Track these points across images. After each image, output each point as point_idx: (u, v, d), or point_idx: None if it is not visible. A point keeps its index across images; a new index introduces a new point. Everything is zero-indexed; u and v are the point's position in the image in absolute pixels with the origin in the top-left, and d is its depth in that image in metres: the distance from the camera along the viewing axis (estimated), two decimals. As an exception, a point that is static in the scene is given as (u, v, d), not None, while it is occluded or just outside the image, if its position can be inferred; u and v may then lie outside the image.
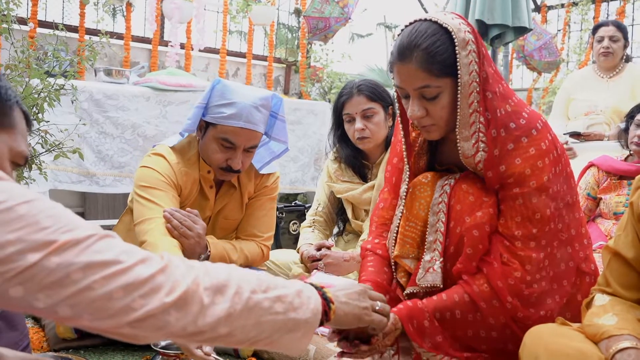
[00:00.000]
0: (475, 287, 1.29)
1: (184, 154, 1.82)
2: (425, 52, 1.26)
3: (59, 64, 2.36)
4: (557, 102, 3.64)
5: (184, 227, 1.64)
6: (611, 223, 2.43)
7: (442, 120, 1.33)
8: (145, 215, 1.65)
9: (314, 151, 4.25)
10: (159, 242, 1.58)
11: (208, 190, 1.84)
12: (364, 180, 2.24)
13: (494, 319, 1.29)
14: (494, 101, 1.30)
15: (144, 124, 3.45)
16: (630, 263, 1.12)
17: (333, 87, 5.04)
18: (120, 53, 4.14)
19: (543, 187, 1.29)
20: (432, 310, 1.31)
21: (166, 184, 1.72)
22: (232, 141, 1.72)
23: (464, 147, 1.31)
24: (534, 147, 1.29)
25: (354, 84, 2.18)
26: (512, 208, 1.30)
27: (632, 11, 5.33)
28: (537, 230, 1.29)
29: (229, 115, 1.69)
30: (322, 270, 2.00)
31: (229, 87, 1.73)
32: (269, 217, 1.96)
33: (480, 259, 1.31)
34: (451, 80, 1.29)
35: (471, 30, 1.30)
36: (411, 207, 1.41)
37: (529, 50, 5.40)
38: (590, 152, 2.87)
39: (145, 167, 1.75)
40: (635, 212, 1.11)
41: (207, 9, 4.60)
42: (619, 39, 3.29)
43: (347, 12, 4.60)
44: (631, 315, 1.06)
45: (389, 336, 1.29)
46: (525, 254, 1.28)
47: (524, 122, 1.32)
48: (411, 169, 1.46)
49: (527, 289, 1.29)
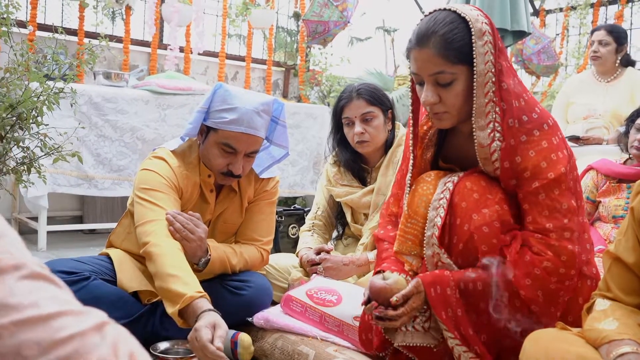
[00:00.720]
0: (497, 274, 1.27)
1: (185, 158, 1.82)
2: (442, 39, 1.29)
3: (59, 67, 2.36)
4: (556, 106, 3.65)
5: (186, 230, 1.63)
6: (610, 227, 2.43)
7: (454, 108, 1.34)
8: (147, 217, 1.64)
9: (313, 155, 4.26)
10: (162, 243, 1.57)
11: (208, 194, 1.83)
12: (363, 184, 2.24)
13: (508, 299, 1.26)
14: (509, 92, 1.32)
15: (143, 127, 3.46)
16: (631, 268, 1.12)
17: (332, 91, 5.04)
18: (120, 56, 4.15)
19: (561, 179, 1.29)
20: (457, 279, 1.31)
21: (167, 187, 1.72)
22: (234, 146, 1.72)
23: (479, 136, 1.32)
24: (546, 141, 1.31)
25: (354, 87, 2.18)
26: (537, 204, 1.30)
27: (631, 15, 5.34)
28: (568, 220, 1.28)
29: (230, 120, 1.69)
30: (322, 274, 2.00)
31: (231, 92, 1.73)
32: (268, 221, 1.95)
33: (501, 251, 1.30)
34: (466, 69, 1.31)
35: (489, 23, 1.32)
36: (412, 203, 1.42)
37: (527, 54, 5.41)
38: (589, 156, 2.87)
39: (147, 169, 1.74)
40: (636, 217, 1.11)
41: (206, 12, 4.60)
42: (608, 42, 3.30)
43: (346, 16, 4.61)
44: (632, 320, 1.06)
45: (413, 299, 1.30)
46: (560, 245, 1.27)
47: (536, 116, 1.34)
48: (417, 161, 1.48)
49: (556, 283, 1.26)
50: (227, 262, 1.78)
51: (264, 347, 1.70)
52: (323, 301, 1.74)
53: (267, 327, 1.75)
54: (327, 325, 1.69)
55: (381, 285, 1.32)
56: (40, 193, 3.06)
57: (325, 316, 1.70)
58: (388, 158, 2.17)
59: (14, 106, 2.11)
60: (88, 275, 1.70)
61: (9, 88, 2.17)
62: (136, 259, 1.84)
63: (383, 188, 2.15)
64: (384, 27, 7.49)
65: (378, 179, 2.17)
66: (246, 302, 1.78)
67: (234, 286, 1.79)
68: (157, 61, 4.36)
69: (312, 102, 5.01)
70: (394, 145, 2.18)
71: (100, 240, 3.70)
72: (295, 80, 5.22)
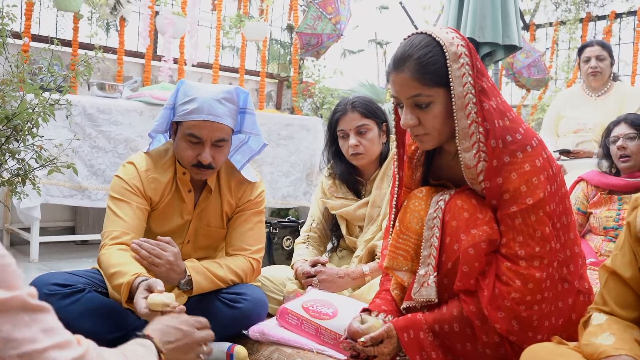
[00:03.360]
0: (472, 307, 1.30)
1: (160, 159, 1.86)
2: (417, 62, 1.31)
3: (54, 79, 2.36)
4: (546, 120, 3.69)
5: (152, 255, 1.63)
6: (601, 239, 2.45)
7: (434, 130, 1.36)
8: (107, 228, 1.75)
9: (306, 166, 4.26)
10: (108, 250, 1.67)
11: (185, 194, 1.85)
12: (358, 196, 2.25)
13: (487, 337, 1.30)
14: (492, 112, 1.32)
15: (136, 138, 3.45)
16: (628, 282, 1.13)
17: (325, 103, 5.07)
18: (114, 67, 4.15)
19: (540, 204, 1.30)
20: (430, 322, 1.33)
21: (131, 194, 1.78)
22: (197, 135, 1.74)
23: (465, 157, 1.33)
24: (529, 164, 1.31)
25: (348, 100, 2.20)
26: (512, 228, 1.31)
27: (619, 30, 5.43)
28: (540, 248, 1.29)
29: (191, 110, 1.73)
30: (317, 286, 2.00)
31: (192, 85, 1.79)
32: (256, 230, 1.94)
33: (477, 279, 1.32)
34: (444, 91, 1.32)
35: (465, 45, 1.34)
36: (403, 219, 1.43)
37: (518, 68, 5.48)
38: (579, 169, 2.91)
39: (116, 176, 1.82)
40: (633, 232, 1.12)
41: (200, 24, 4.62)
42: (605, 57, 3.36)
43: (339, 29, 4.65)
44: (628, 335, 1.07)
45: (385, 343, 1.33)
46: (528, 273, 1.28)
47: (520, 137, 1.34)
48: (407, 181, 1.49)
49: (526, 310, 1.28)
50: (213, 275, 1.76)
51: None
52: (319, 314, 1.74)
53: (262, 339, 1.75)
54: (323, 339, 1.69)
55: (354, 329, 1.40)
56: (33, 204, 3.04)
57: (321, 329, 1.70)
58: (383, 171, 2.19)
59: (10, 118, 2.10)
60: (82, 288, 1.70)
61: (5, 100, 2.16)
62: None
63: (378, 200, 2.16)
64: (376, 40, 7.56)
65: (373, 191, 2.18)
66: (242, 315, 1.78)
67: (229, 299, 1.79)
68: (151, 72, 4.36)
69: (305, 114, 5.03)
70: (389, 158, 2.20)
71: (92, 252, 3.68)
72: (288, 92, 5.24)
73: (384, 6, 8.88)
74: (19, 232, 3.53)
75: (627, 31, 5.39)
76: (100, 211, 4.03)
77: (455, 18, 3.68)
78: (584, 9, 5.51)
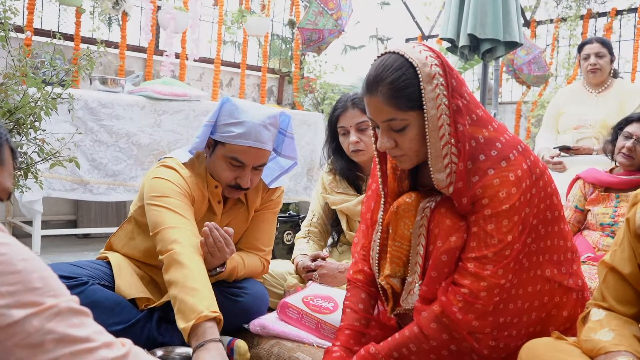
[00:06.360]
0: (424, 313, 1.29)
1: (194, 169, 1.82)
2: (390, 87, 1.27)
3: (57, 73, 2.37)
4: (547, 116, 3.70)
5: (216, 247, 1.62)
6: (598, 235, 2.47)
7: (411, 151, 1.33)
8: (167, 224, 1.62)
9: (306, 161, 4.28)
10: (188, 253, 1.55)
11: (216, 206, 1.84)
12: (359, 192, 2.26)
13: (446, 350, 1.28)
14: (464, 134, 1.29)
15: (138, 132, 3.47)
16: (626, 278, 1.13)
17: (326, 98, 5.08)
18: (116, 62, 4.16)
19: (501, 214, 1.26)
20: (387, 353, 1.32)
21: (181, 194, 1.71)
22: (241, 160, 1.72)
23: (437, 178, 1.31)
24: (499, 179, 1.27)
25: (349, 97, 2.20)
26: (471, 234, 1.29)
27: (619, 27, 5.43)
28: (492, 254, 1.26)
29: (237, 134, 1.70)
30: (317, 281, 2.01)
31: (238, 105, 1.74)
32: (271, 230, 1.96)
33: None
34: (419, 114, 1.28)
35: (439, 63, 1.28)
36: (396, 226, 1.41)
37: (518, 64, 5.48)
38: (579, 166, 2.93)
39: (158, 178, 1.73)
40: (632, 229, 1.13)
41: (202, 19, 4.63)
42: (604, 54, 3.37)
43: (340, 25, 4.66)
44: (627, 331, 1.07)
45: None
46: (476, 271, 1.26)
47: (496, 153, 1.30)
48: (393, 192, 1.46)
49: (478, 301, 1.25)
50: (235, 273, 1.80)
51: (260, 354, 1.72)
52: (319, 308, 1.76)
53: (263, 333, 1.76)
54: (324, 332, 1.71)
55: None
56: (35, 197, 3.06)
57: (322, 323, 1.72)
58: (383, 167, 2.20)
59: (12, 112, 2.12)
60: (86, 280, 1.71)
61: (7, 93, 2.18)
62: (136, 265, 1.85)
63: (378, 196, 2.18)
64: (378, 36, 7.56)
65: (373, 187, 2.20)
66: (243, 309, 1.80)
67: (230, 292, 1.80)
68: (152, 67, 4.37)
69: (306, 109, 5.05)
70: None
71: (94, 245, 3.70)
72: (289, 87, 5.25)
73: (385, 2, 8.88)
74: (21, 225, 3.55)
75: (627, 28, 5.39)
76: (102, 205, 4.05)
77: (456, 14, 3.69)
78: (584, 5, 5.51)
